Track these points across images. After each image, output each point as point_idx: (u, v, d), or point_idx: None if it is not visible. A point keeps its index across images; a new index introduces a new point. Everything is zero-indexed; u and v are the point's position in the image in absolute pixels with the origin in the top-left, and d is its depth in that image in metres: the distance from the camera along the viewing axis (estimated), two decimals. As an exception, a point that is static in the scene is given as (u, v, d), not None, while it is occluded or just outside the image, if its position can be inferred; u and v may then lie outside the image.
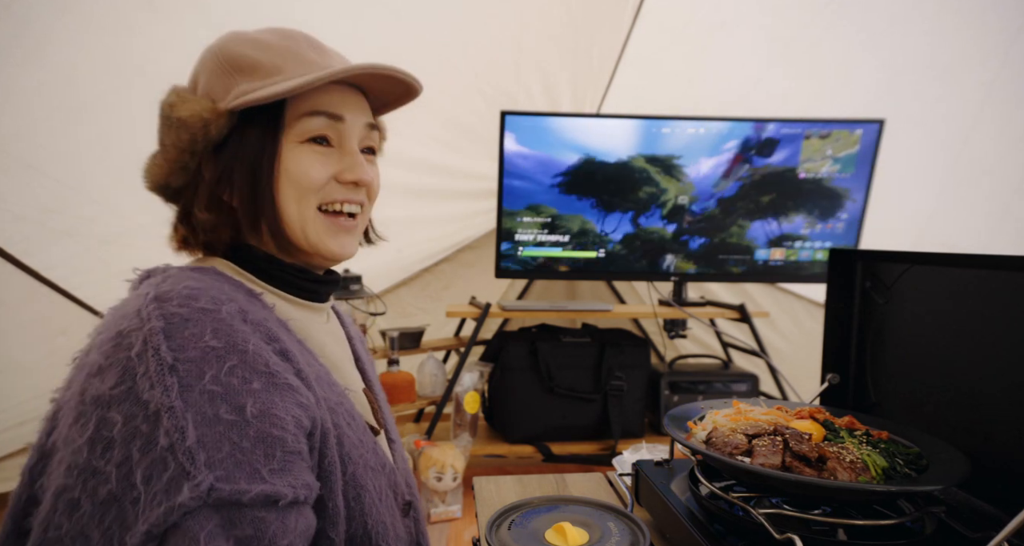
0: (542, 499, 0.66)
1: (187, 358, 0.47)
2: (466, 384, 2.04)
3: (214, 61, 0.60)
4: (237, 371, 0.48)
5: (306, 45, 0.62)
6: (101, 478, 0.44)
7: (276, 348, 0.54)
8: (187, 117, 0.57)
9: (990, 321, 0.64)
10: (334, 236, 0.64)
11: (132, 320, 0.49)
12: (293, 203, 0.60)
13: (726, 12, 2.00)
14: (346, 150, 0.63)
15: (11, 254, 1.58)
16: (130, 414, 0.45)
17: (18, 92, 1.38)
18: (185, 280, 0.54)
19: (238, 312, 0.52)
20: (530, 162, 2.00)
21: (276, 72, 0.59)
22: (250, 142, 0.59)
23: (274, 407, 0.49)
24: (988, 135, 1.93)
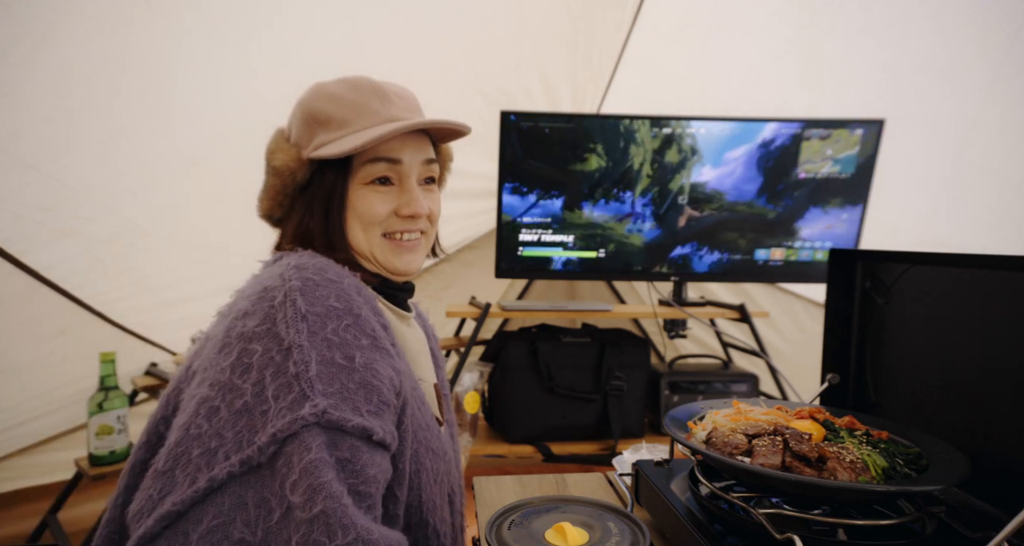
0: (542, 499, 0.66)
1: (315, 312, 0.59)
2: (466, 384, 2.04)
3: (300, 114, 0.74)
4: (351, 329, 0.60)
5: (371, 95, 0.73)
6: (238, 393, 0.56)
7: (380, 321, 0.66)
8: (279, 166, 0.72)
9: (990, 321, 0.64)
10: (398, 256, 0.76)
11: (276, 280, 0.62)
12: (360, 233, 0.74)
13: (726, 12, 2.00)
14: (404, 188, 0.75)
15: (11, 254, 1.58)
16: (268, 346, 0.57)
17: (18, 92, 1.38)
18: (318, 257, 0.67)
19: (355, 286, 0.65)
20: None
21: (345, 125, 0.71)
22: (325, 184, 0.72)
23: (375, 363, 0.60)
24: (988, 135, 1.93)
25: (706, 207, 2.08)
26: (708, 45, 2.10)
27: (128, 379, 1.90)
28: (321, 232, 0.73)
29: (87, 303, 1.79)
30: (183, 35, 1.48)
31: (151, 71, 1.49)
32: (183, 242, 1.82)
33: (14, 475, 2.06)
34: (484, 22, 1.91)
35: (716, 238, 2.11)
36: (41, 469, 2.10)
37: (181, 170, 1.68)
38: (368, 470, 0.56)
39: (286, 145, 0.74)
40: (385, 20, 1.77)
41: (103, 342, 1.85)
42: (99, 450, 1.67)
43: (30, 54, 1.33)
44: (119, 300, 1.83)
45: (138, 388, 1.86)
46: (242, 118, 1.65)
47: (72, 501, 1.87)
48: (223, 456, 0.54)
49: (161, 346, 2.07)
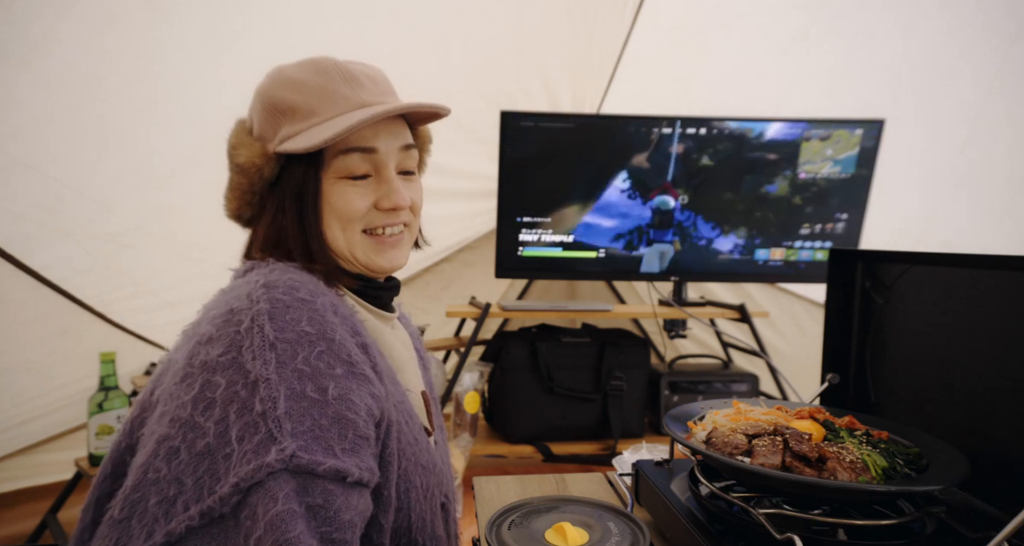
0: (542, 499, 0.66)
1: (285, 339, 0.54)
2: (466, 384, 2.04)
3: (261, 103, 0.67)
4: (324, 356, 0.55)
5: (339, 79, 0.66)
6: (200, 432, 0.51)
7: (358, 341, 0.60)
8: (243, 163, 0.66)
9: (990, 321, 0.64)
10: (381, 253, 0.70)
11: (243, 301, 0.56)
12: (339, 231, 0.67)
13: (726, 12, 2.00)
14: (383, 178, 0.68)
15: (11, 254, 1.58)
16: (233, 379, 0.52)
17: (18, 92, 1.38)
18: (289, 273, 0.61)
19: (330, 305, 0.60)
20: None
21: (311, 114, 0.65)
22: (296, 181, 0.66)
23: (351, 393, 0.55)
24: (988, 135, 1.92)
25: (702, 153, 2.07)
26: (708, 45, 2.10)
27: (128, 379, 1.90)
28: (296, 234, 0.67)
29: (87, 303, 1.79)
30: (183, 35, 1.48)
31: (151, 71, 1.49)
32: (183, 242, 1.82)
33: (14, 475, 2.06)
34: (484, 22, 1.91)
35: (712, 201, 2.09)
36: (41, 469, 2.10)
37: (181, 170, 1.68)
38: (343, 515, 0.52)
39: (249, 139, 0.67)
40: (385, 20, 1.77)
41: (103, 342, 1.85)
42: (99, 450, 1.67)
43: (30, 54, 1.33)
44: (119, 300, 1.83)
45: (138, 388, 1.86)
46: (242, 118, 1.65)
47: (72, 501, 1.87)
48: (182, 506, 0.49)
49: (161, 346, 2.07)
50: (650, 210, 2.06)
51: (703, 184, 2.05)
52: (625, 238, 2.08)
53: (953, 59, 1.87)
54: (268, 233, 0.68)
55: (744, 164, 2.03)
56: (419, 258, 2.54)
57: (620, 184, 2.03)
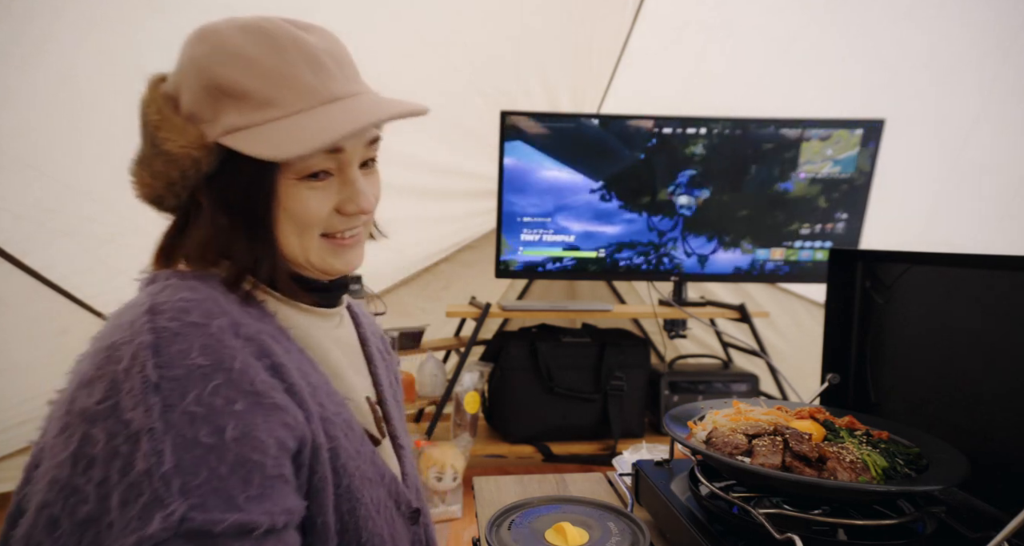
0: (542, 499, 0.66)
1: (172, 376, 0.46)
2: (466, 384, 2.04)
3: (198, 78, 0.55)
4: (221, 390, 0.47)
5: (300, 61, 0.55)
6: (81, 497, 0.44)
7: (268, 363, 0.52)
8: (176, 153, 0.54)
9: (990, 321, 0.64)
10: (339, 256, 0.62)
11: (124, 332, 0.49)
12: (294, 237, 0.59)
13: (726, 12, 2.00)
14: (346, 179, 0.60)
15: (11, 254, 1.58)
16: (112, 432, 0.45)
17: (18, 92, 1.38)
18: (182, 290, 0.52)
19: (230, 326, 0.51)
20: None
21: (268, 105, 0.54)
22: (245, 180, 0.55)
23: (255, 429, 0.48)
24: (988, 135, 1.92)
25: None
26: (708, 45, 2.10)
27: (128, 379, 1.90)
28: (243, 240, 0.57)
29: (87, 303, 1.79)
30: (184, 35, 1.48)
31: (151, 71, 1.49)
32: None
33: (14, 475, 2.05)
34: (484, 22, 1.91)
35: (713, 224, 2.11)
36: (41, 469, 2.10)
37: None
38: None
39: (177, 119, 0.55)
40: (385, 20, 1.77)
41: (103, 342, 1.85)
42: (99, 450, 1.67)
43: (30, 54, 1.33)
44: (119, 300, 1.83)
45: (138, 388, 1.86)
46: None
47: (72, 501, 1.87)
48: None
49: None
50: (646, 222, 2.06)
51: (699, 188, 2.05)
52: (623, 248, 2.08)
53: (953, 59, 1.87)
54: (205, 236, 0.58)
55: (743, 164, 2.03)
56: (419, 258, 2.54)
57: (595, 192, 2.03)
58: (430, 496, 1.87)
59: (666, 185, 2.05)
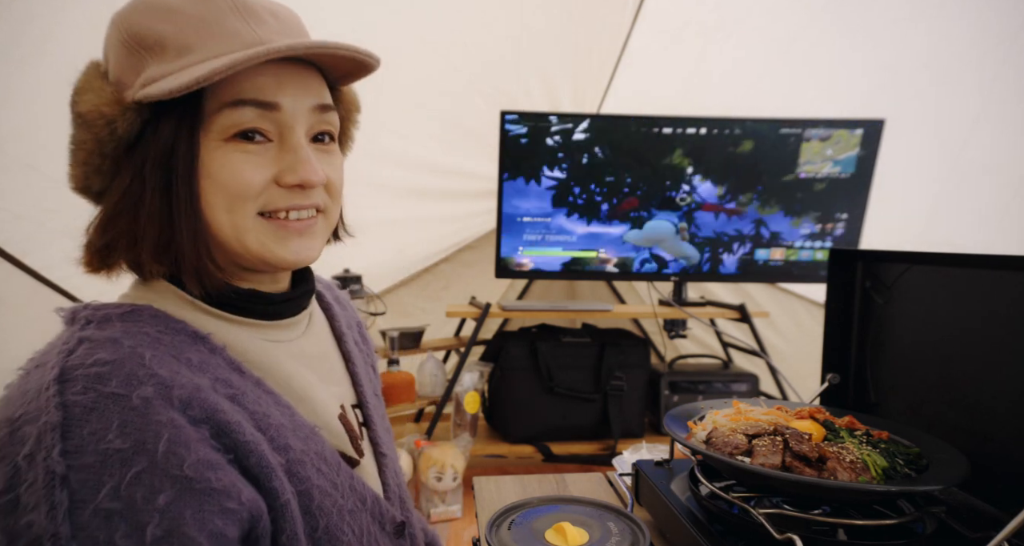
0: (542, 499, 0.66)
1: (83, 465, 0.39)
2: (466, 384, 2.04)
3: (119, 36, 0.49)
4: (144, 479, 0.40)
5: (227, 8, 0.49)
6: None
7: (211, 429, 0.45)
8: (87, 113, 0.47)
9: (990, 321, 0.64)
10: (282, 242, 0.53)
11: (30, 405, 0.41)
12: (223, 213, 0.50)
13: (726, 12, 2.00)
14: (287, 145, 0.51)
15: (11, 254, 1.58)
16: (13, 534, 0.38)
17: (18, 92, 1.38)
18: (100, 348, 0.44)
19: (157, 394, 0.42)
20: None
21: (186, 51, 0.47)
22: (161, 141, 0.48)
23: (184, 524, 0.40)
24: (988, 135, 1.93)
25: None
26: (708, 45, 2.10)
27: (128, 379, 1.90)
28: (157, 216, 0.49)
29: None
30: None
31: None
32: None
33: (14, 475, 2.06)
34: (484, 22, 1.91)
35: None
36: (41, 469, 2.10)
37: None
38: None
39: (99, 83, 0.49)
40: (385, 19, 1.77)
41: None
42: (99, 450, 1.67)
43: (30, 54, 1.33)
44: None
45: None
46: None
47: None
48: None
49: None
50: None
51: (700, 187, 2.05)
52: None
53: (953, 59, 1.87)
54: (116, 214, 0.50)
55: (743, 164, 2.03)
56: (419, 258, 2.55)
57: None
58: (430, 496, 1.87)
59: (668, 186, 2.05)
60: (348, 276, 2.00)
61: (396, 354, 2.07)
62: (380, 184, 2.01)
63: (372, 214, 2.01)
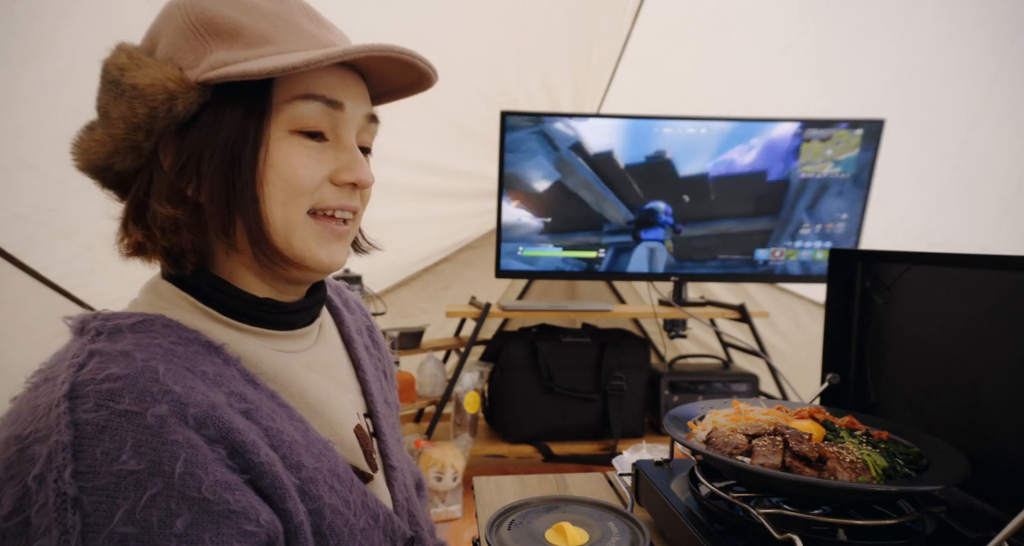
0: (542, 499, 0.66)
1: (96, 487, 0.37)
2: (466, 384, 2.04)
3: (183, 18, 0.48)
4: (160, 501, 0.38)
5: (300, 12, 0.51)
6: None
7: (225, 450, 0.43)
8: (146, 86, 0.46)
9: (990, 321, 0.64)
10: (324, 244, 0.53)
11: (39, 422, 0.39)
12: (279, 206, 0.50)
13: (726, 12, 2.00)
14: (343, 145, 0.52)
15: (11, 254, 1.58)
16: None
17: (18, 92, 1.38)
18: (112, 362, 0.42)
19: (172, 412, 0.41)
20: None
21: (263, 42, 0.48)
22: (228, 126, 0.48)
23: (202, 543, 0.39)
24: (988, 135, 1.93)
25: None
26: (708, 45, 2.10)
27: (128, 379, 1.90)
28: (220, 201, 0.48)
29: (87, 303, 1.79)
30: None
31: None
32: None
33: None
34: (484, 22, 1.92)
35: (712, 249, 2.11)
36: (41, 469, 2.10)
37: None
38: None
39: (151, 60, 0.47)
40: (385, 20, 1.77)
41: (103, 342, 1.85)
42: (99, 450, 1.67)
43: (30, 54, 1.33)
44: (120, 301, 1.83)
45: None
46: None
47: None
48: None
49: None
50: (639, 211, 2.06)
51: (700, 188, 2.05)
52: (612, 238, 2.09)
53: (953, 59, 1.87)
54: (173, 212, 0.48)
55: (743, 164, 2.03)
56: (419, 258, 2.54)
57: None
58: (430, 496, 1.87)
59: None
60: (348, 276, 2.00)
61: (396, 354, 2.07)
62: (380, 184, 1.99)
63: (372, 214, 2.00)
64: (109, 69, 0.49)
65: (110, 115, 0.48)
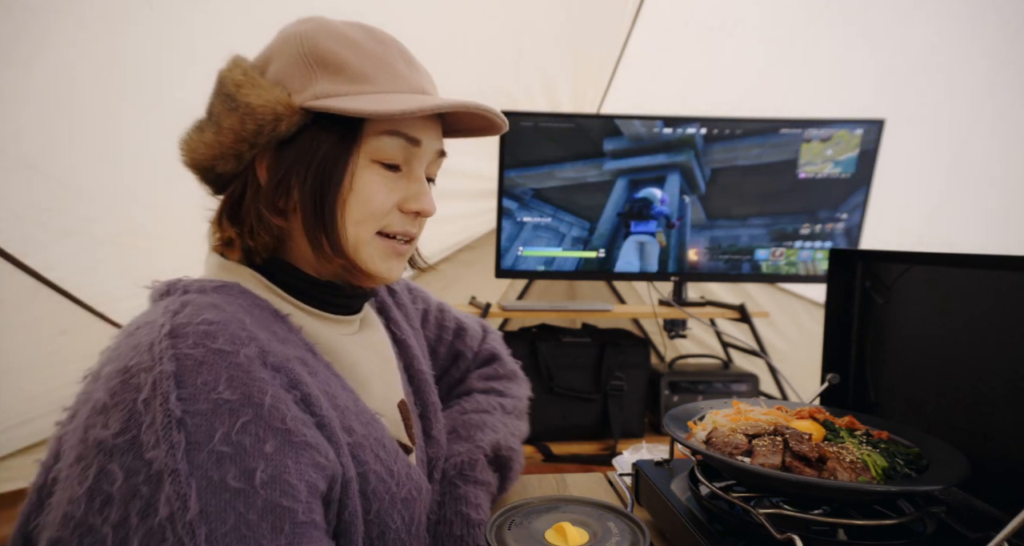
0: (542, 499, 0.66)
1: (197, 411, 0.43)
2: (466, 384, 2.04)
3: (297, 49, 0.55)
4: (251, 428, 0.44)
5: (397, 54, 0.59)
6: (96, 538, 0.40)
7: (298, 395, 0.49)
8: (258, 106, 0.53)
9: (990, 321, 0.64)
10: (385, 260, 0.61)
11: (143, 355, 0.45)
12: (354, 224, 0.57)
13: (726, 12, 2.00)
14: (413, 177, 0.60)
15: (11, 254, 1.58)
16: (132, 469, 0.41)
17: (18, 92, 1.38)
18: (204, 310, 0.48)
19: (258, 355, 0.47)
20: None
21: (364, 80, 0.55)
22: (323, 150, 0.55)
23: (286, 472, 0.45)
24: (988, 135, 1.93)
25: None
26: (708, 45, 2.10)
27: (128, 379, 1.90)
28: (310, 214, 0.55)
29: (87, 303, 1.79)
30: (184, 34, 1.48)
31: (151, 71, 1.49)
32: (183, 241, 1.82)
33: (14, 475, 2.06)
34: (484, 22, 1.92)
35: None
36: (41, 469, 2.10)
37: (181, 169, 1.68)
38: None
39: (263, 80, 0.54)
40: (384, 20, 1.76)
41: (103, 342, 1.84)
42: (99, 450, 1.67)
43: (30, 54, 1.33)
44: (119, 300, 1.83)
45: (138, 388, 1.86)
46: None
47: (72, 501, 1.87)
48: None
49: (161, 346, 2.07)
50: (631, 199, 2.06)
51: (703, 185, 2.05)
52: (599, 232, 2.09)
53: (953, 59, 1.87)
54: (264, 212, 0.55)
55: (743, 164, 2.03)
56: (419, 258, 2.54)
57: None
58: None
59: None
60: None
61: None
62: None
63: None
64: (225, 82, 0.56)
65: (221, 124, 0.55)
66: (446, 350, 0.92)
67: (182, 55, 1.50)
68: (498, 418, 0.80)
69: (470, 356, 0.93)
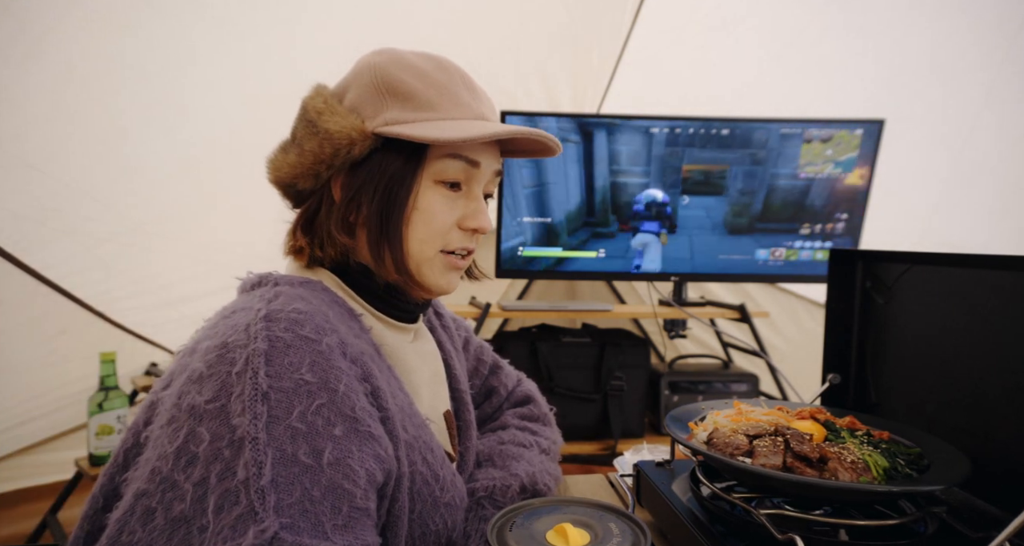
0: (543, 500, 0.66)
1: (280, 388, 0.47)
2: (466, 384, 2.04)
3: (371, 78, 0.61)
4: (324, 411, 0.48)
5: (460, 82, 0.63)
6: (178, 493, 0.44)
7: (368, 388, 0.53)
8: (335, 132, 0.58)
9: (990, 321, 0.64)
10: (445, 274, 0.65)
11: (240, 334, 0.50)
12: (417, 242, 0.61)
13: (726, 12, 2.00)
14: (472, 196, 0.64)
15: (11, 254, 1.58)
16: (217, 434, 0.45)
17: (18, 92, 1.38)
18: (295, 300, 0.53)
19: (338, 345, 0.52)
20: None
21: (429, 107, 0.60)
22: (390, 171, 0.60)
23: (350, 457, 0.48)
24: (988, 135, 1.93)
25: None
26: (708, 45, 2.10)
27: (128, 379, 1.90)
28: (375, 230, 0.60)
29: (87, 303, 1.79)
30: (183, 35, 1.48)
31: (151, 71, 1.49)
32: (183, 241, 1.82)
33: (14, 475, 2.06)
34: (484, 22, 1.92)
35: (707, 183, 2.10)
36: (41, 469, 2.10)
37: (180, 169, 1.68)
38: None
39: (341, 108, 0.60)
40: (384, 20, 1.77)
41: (103, 342, 1.85)
42: (99, 450, 1.67)
43: (30, 54, 1.33)
44: (119, 300, 1.83)
45: (138, 388, 1.86)
46: (242, 118, 1.65)
47: (72, 501, 1.87)
48: None
49: (161, 346, 2.07)
50: (632, 200, 2.06)
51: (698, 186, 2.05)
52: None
53: (953, 59, 1.87)
54: (337, 226, 0.60)
55: (743, 164, 2.03)
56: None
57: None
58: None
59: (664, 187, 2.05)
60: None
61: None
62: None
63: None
64: (308, 109, 0.61)
65: (303, 147, 0.60)
66: (480, 383, 0.95)
67: (181, 54, 1.50)
68: (535, 454, 0.81)
69: (504, 394, 0.97)
